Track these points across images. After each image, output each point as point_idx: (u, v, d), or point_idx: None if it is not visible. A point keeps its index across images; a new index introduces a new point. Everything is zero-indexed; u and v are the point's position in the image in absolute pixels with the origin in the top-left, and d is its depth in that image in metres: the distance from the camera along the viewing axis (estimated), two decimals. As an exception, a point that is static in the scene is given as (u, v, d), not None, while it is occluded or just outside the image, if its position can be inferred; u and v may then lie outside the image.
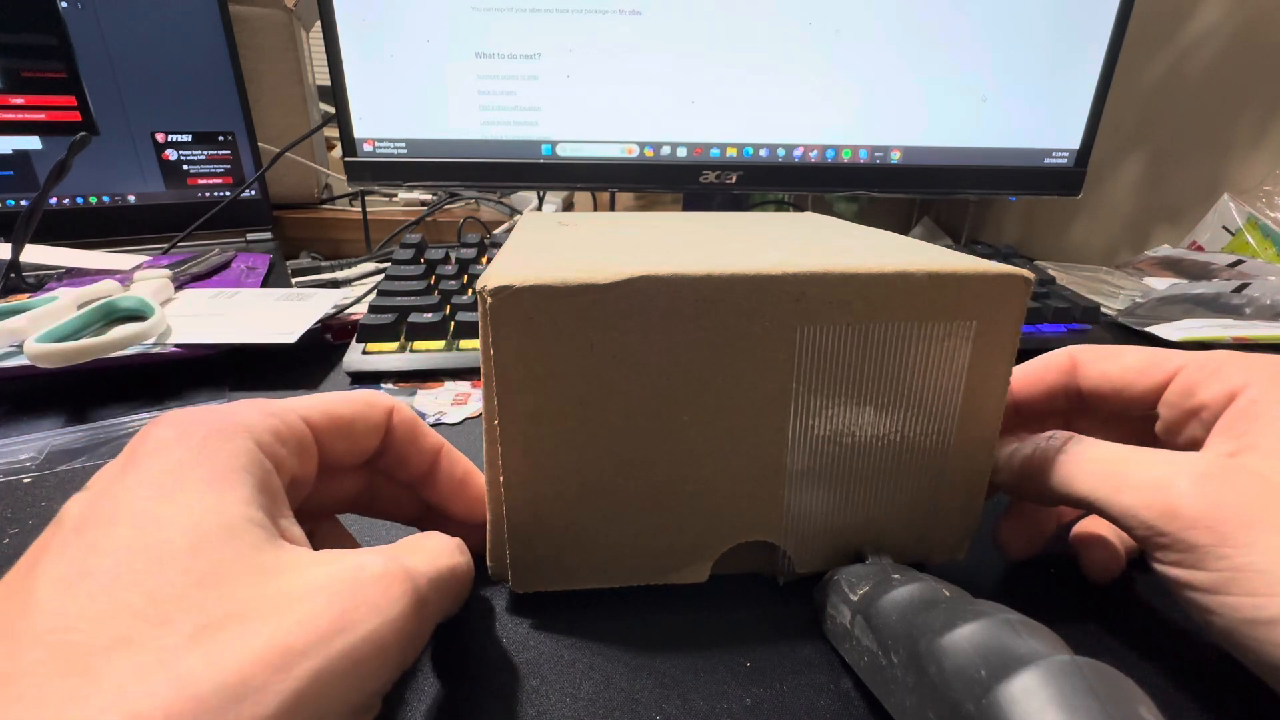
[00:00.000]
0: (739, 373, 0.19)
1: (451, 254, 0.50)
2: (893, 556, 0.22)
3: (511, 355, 0.18)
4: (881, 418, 0.20)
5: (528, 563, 0.21)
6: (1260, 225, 0.63)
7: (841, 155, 0.54)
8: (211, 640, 0.11)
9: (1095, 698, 0.13)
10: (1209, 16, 0.67)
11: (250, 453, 0.15)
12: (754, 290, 0.19)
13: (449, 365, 0.40)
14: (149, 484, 0.14)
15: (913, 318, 0.19)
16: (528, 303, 0.18)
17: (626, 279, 0.18)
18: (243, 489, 0.14)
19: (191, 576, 0.12)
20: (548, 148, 0.52)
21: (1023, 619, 0.15)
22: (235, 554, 0.13)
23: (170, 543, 0.13)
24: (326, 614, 0.13)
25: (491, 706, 0.18)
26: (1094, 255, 0.79)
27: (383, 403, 0.20)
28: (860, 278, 0.19)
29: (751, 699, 0.19)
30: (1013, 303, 0.20)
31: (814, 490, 0.21)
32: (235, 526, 0.13)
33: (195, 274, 0.50)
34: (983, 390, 0.21)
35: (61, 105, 0.56)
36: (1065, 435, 0.21)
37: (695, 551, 0.22)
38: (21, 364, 0.34)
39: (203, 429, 0.15)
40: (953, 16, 0.50)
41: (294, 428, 0.17)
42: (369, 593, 0.13)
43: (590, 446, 0.20)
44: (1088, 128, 0.54)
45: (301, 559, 0.14)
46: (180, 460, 0.14)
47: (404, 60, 0.49)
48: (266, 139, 0.66)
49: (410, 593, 0.14)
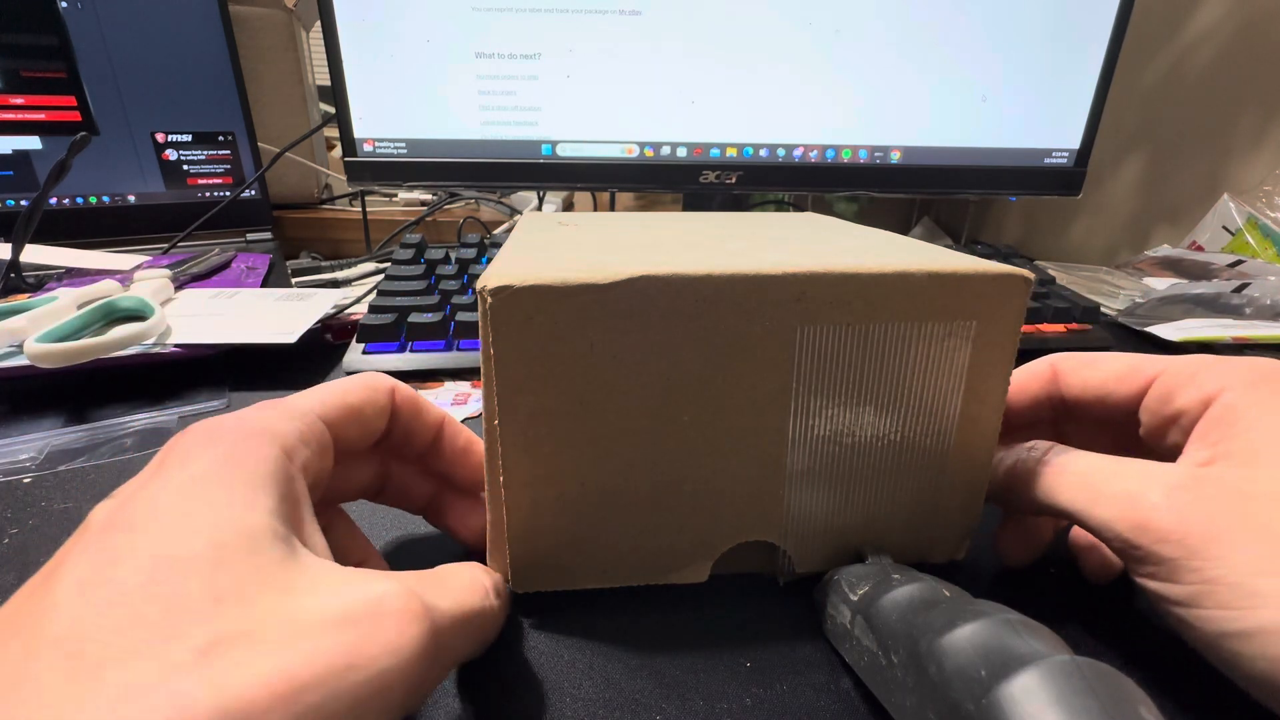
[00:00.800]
0: (739, 372, 0.19)
1: (451, 254, 0.50)
2: (893, 556, 0.22)
3: (511, 355, 0.18)
4: (881, 418, 0.20)
5: (528, 563, 0.21)
6: (1260, 225, 0.63)
7: (841, 155, 0.54)
8: (220, 659, 0.11)
9: (1095, 698, 0.13)
10: (1209, 16, 0.67)
11: (276, 460, 0.15)
12: (754, 290, 0.19)
13: (449, 365, 0.40)
14: (173, 492, 0.14)
15: (913, 318, 0.19)
16: (528, 302, 0.18)
17: (627, 279, 0.18)
18: (268, 499, 0.14)
19: (209, 590, 0.12)
20: (548, 148, 0.52)
21: (1023, 619, 0.15)
22: (255, 568, 0.13)
23: (191, 554, 0.12)
24: (339, 647, 0.12)
25: (491, 706, 0.18)
26: (1094, 255, 0.79)
27: (384, 384, 0.20)
28: (860, 278, 0.19)
29: (751, 699, 0.19)
30: (1013, 303, 0.20)
31: (814, 490, 0.21)
32: (258, 539, 0.13)
33: (195, 274, 0.50)
34: (983, 390, 0.21)
35: (61, 105, 0.56)
36: (1046, 446, 0.21)
37: (695, 551, 0.22)
38: (21, 364, 0.34)
39: (230, 437, 0.15)
40: (953, 16, 0.50)
41: (314, 427, 0.17)
42: (384, 629, 0.13)
43: (591, 446, 0.20)
44: (1088, 128, 0.54)
45: (321, 578, 0.14)
46: (206, 469, 0.14)
47: (404, 60, 0.49)
48: (266, 139, 0.66)
49: (427, 634, 0.14)
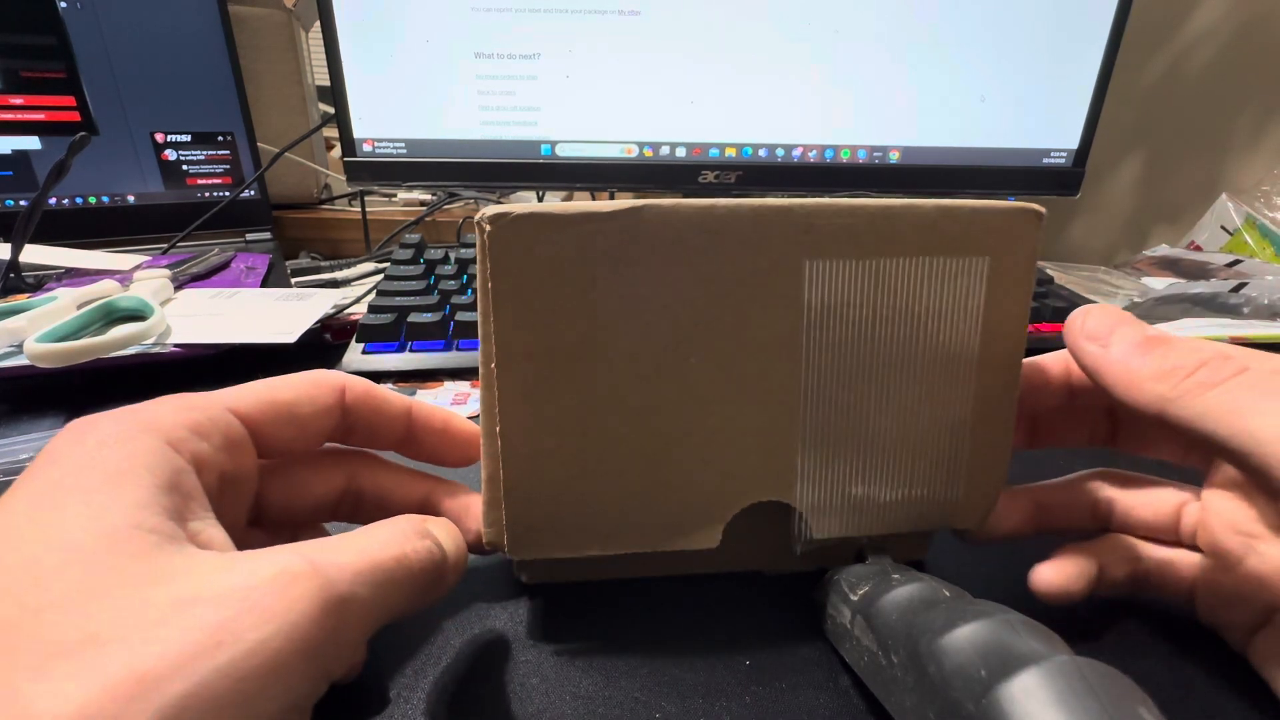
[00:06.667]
0: (747, 313, 0.19)
1: (451, 254, 0.50)
2: (915, 522, 0.21)
3: (510, 289, 0.18)
4: (897, 362, 0.20)
5: (526, 525, 0.20)
6: (1258, 225, 0.63)
7: (841, 155, 0.54)
8: (62, 668, 0.11)
9: (1095, 698, 0.13)
10: (1208, 16, 0.67)
11: (155, 452, 0.14)
12: (760, 221, 0.18)
13: (448, 365, 0.40)
14: (31, 498, 0.13)
15: (923, 252, 0.19)
16: (527, 232, 0.17)
17: (630, 208, 0.17)
18: (136, 492, 0.13)
19: (52, 597, 0.11)
20: (547, 148, 0.52)
21: (1023, 619, 0.15)
22: (110, 566, 0.12)
23: (37, 561, 0.12)
24: (204, 628, 0.11)
25: (491, 705, 0.18)
26: (1092, 255, 0.79)
27: (331, 381, 0.19)
28: (869, 209, 0.18)
29: (751, 697, 0.19)
30: (1025, 238, 0.19)
31: (828, 444, 0.20)
32: (117, 535, 0.12)
33: (195, 274, 0.50)
34: (1000, 334, 0.20)
35: (61, 105, 0.56)
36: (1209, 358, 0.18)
37: (705, 513, 0.20)
38: (21, 364, 0.34)
39: (99, 434, 0.14)
40: (952, 16, 0.50)
41: (217, 420, 0.16)
42: (259, 598, 0.12)
43: (593, 391, 0.19)
44: (1086, 127, 0.54)
45: (196, 564, 0.13)
46: (69, 469, 0.13)
47: (403, 60, 0.49)
48: (266, 139, 0.66)
49: (316, 592, 0.13)
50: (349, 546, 0.15)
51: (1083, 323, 0.20)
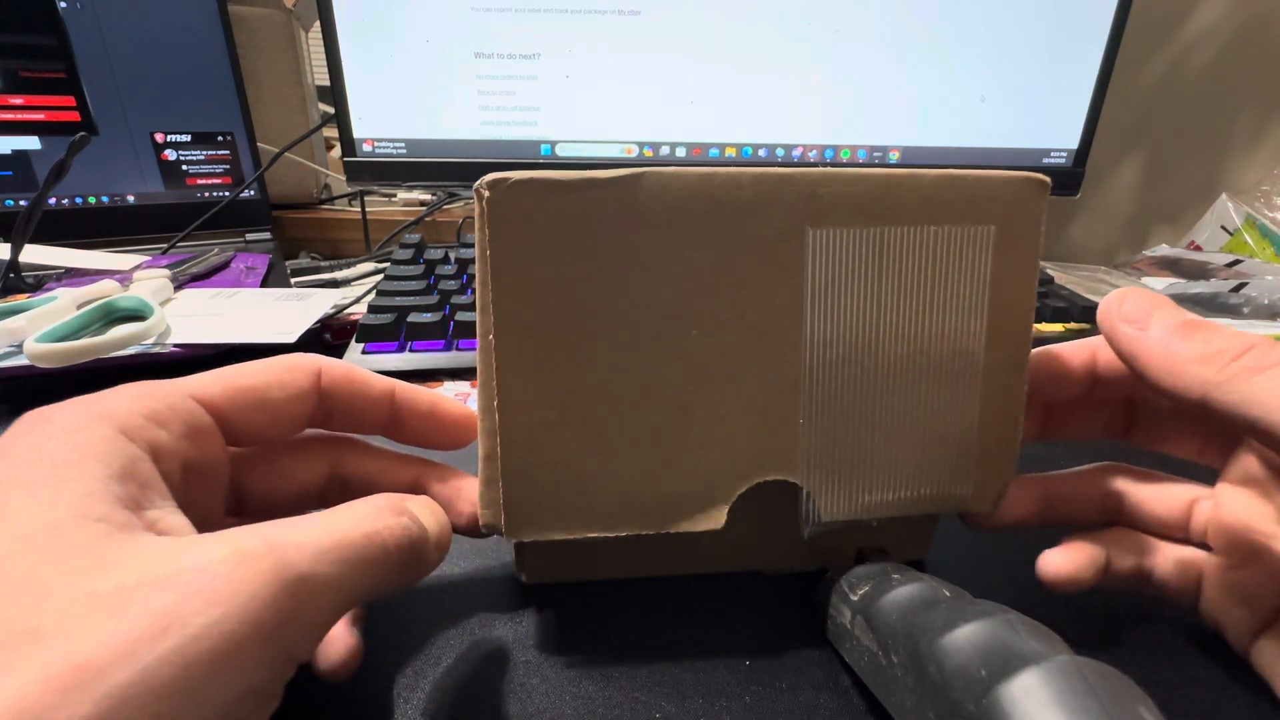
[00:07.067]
0: (750, 284, 0.18)
1: (451, 254, 0.50)
2: (925, 504, 0.20)
3: (509, 257, 0.17)
4: (902, 335, 0.19)
5: (524, 503, 0.19)
6: (1258, 225, 0.63)
7: (840, 155, 0.54)
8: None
9: (1095, 698, 0.13)
10: (1208, 16, 0.67)
11: (107, 441, 0.14)
12: (763, 189, 0.18)
13: (448, 365, 0.40)
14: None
15: (928, 221, 0.18)
16: (527, 198, 0.17)
17: (631, 174, 0.17)
18: (86, 482, 0.13)
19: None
20: (547, 148, 0.52)
21: (1023, 619, 0.15)
22: (54, 557, 0.12)
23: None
24: (145, 615, 0.11)
25: (491, 705, 0.18)
26: (1092, 255, 0.79)
27: (306, 365, 0.19)
28: (873, 177, 0.18)
29: (751, 697, 0.19)
30: (1031, 207, 0.19)
31: (833, 420, 0.20)
32: (62, 526, 0.12)
33: (195, 274, 0.50)
34: (1008, 306, 0.20)
35: (61, 105, 0.56)
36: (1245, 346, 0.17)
37: (709, 494, 0.20)
38: (21, 364, 0.34)
39: (49, 426, 0.14)
40: (951, 16, 0.50)
41: (177, 408, 0.16)
42: (207, 581, 0.12)
43: (593, 363, 0.18)
44: (1086, 127, 0.54)
45: (146, 550, 0.12)
46: (16, 462, 0.13)
47: (403, 60, 0.49)
48: (266, 139, 0.66)
49: (270, 572, 0.12)
50: (314, 525, 0.14)
51: (1119, 305, 0.19)
